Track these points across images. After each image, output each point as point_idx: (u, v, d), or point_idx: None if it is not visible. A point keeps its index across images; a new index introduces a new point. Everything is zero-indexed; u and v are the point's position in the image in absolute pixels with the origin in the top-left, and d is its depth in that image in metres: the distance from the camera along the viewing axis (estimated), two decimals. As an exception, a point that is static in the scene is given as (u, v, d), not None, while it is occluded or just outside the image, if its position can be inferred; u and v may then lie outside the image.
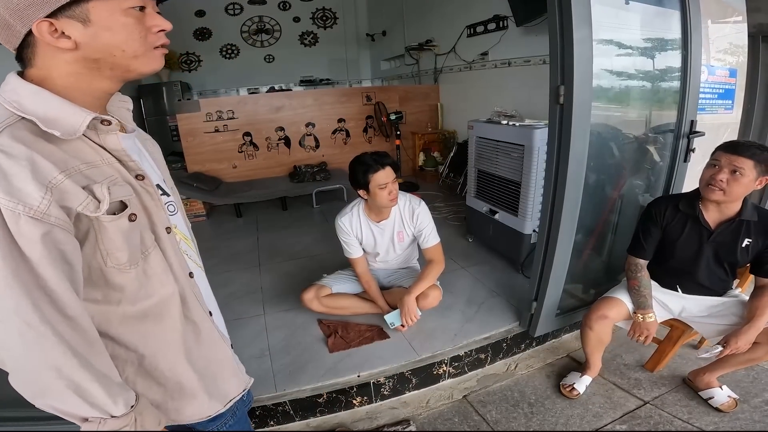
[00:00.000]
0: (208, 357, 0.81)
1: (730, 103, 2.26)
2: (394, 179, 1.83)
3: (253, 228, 3.62)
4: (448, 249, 2.88)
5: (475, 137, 2.75)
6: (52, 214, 0.53)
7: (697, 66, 1.84)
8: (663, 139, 1.98)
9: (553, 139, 1.60)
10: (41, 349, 0.55)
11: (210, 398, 0.81)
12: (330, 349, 1.91)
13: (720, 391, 1.69)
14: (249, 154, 4.31)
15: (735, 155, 1.42)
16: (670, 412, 1.69)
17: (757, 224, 1.52)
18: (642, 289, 1.65)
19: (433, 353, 1.88)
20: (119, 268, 0.63)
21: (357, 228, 2.02)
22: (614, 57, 1.81)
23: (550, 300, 1.86)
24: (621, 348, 2.07)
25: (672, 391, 1.80)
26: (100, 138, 0.62)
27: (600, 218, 2.06)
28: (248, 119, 4.23)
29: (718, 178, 1.44)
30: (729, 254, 1.57)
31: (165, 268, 0.70)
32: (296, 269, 2.71)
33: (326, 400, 1.72)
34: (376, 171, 1.79)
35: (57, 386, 0.56)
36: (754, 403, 1.70)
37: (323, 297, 2.07)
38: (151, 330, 0.70)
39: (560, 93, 1.51)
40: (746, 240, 1.53)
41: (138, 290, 0.67)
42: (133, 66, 0.61)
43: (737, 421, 1.62)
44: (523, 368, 2.00)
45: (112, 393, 0.61)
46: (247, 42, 6.53)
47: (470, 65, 4.18)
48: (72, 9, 0.55)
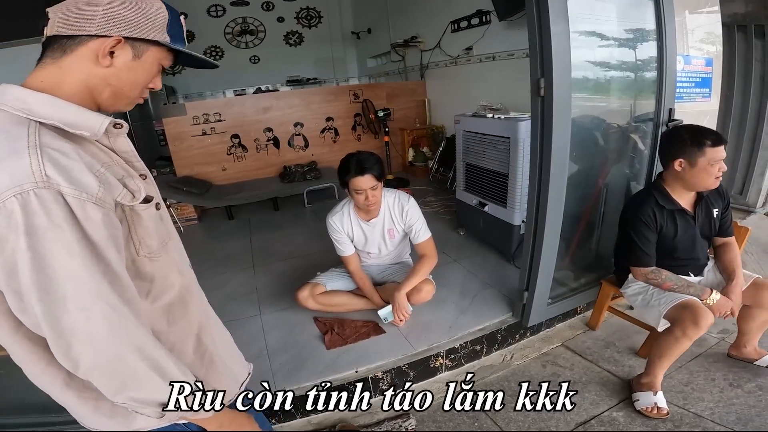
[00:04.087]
0: (224, 338, 0.88)
1: (708, 91, 2.32)
2: (373, 186, 1.83)
3: (246, 230, 3.63)
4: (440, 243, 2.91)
5: (462, 131, 2.79)
6: (107, 201, 0.57)
7: (672, 56, 1.88)
8: (645, 127, 2.03)
9: (535, 131, 1.63)
10: (126, 331, 0.58)
11: (231, 381, 0.86)
12: (327, 346, 1.93)
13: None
14: (238, 156, 4.30)
15: (722, 147, 1.53)
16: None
17: (712, 194, 1.68)
18: (678, 282, 1.65)
19: (429, 346, 1.91)
20: (150, 257, 0.67)
21: (348, 226, 2.04)
22: (592, 49, 1.85)
23: (541, 289, 1.90)
24: (613, 336, 2.11)
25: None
26: (110, 141, 0.65)
27: (586, 207, 2.11)
28: (236, 121, 4.22)
29: (721, 171, 1.54)
30: (710, 228, 1.71)
31: (182, 256, 0.77)
32: (290, 269, 2.73)
33: (326, 396, 1.73)
34: (354, 176, 1.81)
35: (141, 368, 0.59)
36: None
37: (318, 295, 2.09)
38: (179, 317, 0.74)
39: (540, 85, 1.55)
40: (714, 210, 1.69)
41: (165, 280, 0.70)
42: (118, 103, 0.67)
43: None
44: (519, 358, 2.02)
45: (183, 370, 0.65)
46: (231, 43, 6.48)
47: (455, 60, 4.21)
48: (142, 43, 0.63)
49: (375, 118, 4.43)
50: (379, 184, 1.88)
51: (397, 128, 4.86)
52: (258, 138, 4.36)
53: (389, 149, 4.48)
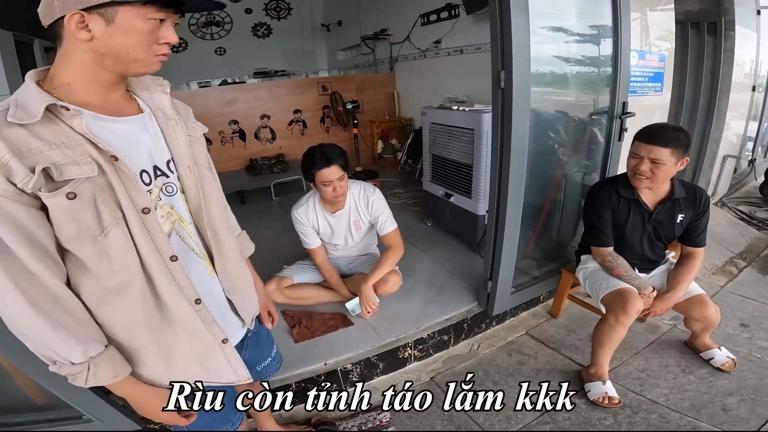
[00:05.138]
0: (178, 343, 0.83)
1: (660, 86, 2.41)
2: (340, 177, 1.82)
3: (212, 225, 3.51)
4: (408, 234, 2.93)
5: (428, 123, 2.81)
6: (0, 187, 0.61)
7: (627, 51, 1.94)
8: (601, 120, 2.10)
9: (496, 123, 1.66)
10: (8, 300, 0.66)
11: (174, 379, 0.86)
12: (295, 340, 1.91)
13: (719, 352, 1.79)
14: (202, 150, 4.16)
15: (651, 145, 1.51)
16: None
17: (685, 199, 1.67)
18: (629, 272, 1.70)
19: (397, 337, 1.92)
20: (72, 241, 0.69)
21: (313, 219, 2.02)
22: (552, 43, 1.89)
23: (504, 278, 1.94)
24: (574, 324, 2.18)
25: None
26: (69, 121, 0.67)
27: (547, 197, 2.16)
28: (199, 114, 3.91)
29: (641, 169, 1.55)
30: (668, 231, 1.72)
31: (129, 246, 0.73)
32: (257, 263, 2.61)
33: (296, 389, 1.73)
34: (320, 168, 1.79)
35: (28, 331, 0.69)
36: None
37: (285, 288, 2.07)
38: (110, 303, 0.75)
39: (501, 78, 1.57)
40: (680, 216, 1.69)
41: (99, 264, 0.71)
42: (132, 67, 0.70)
43: (745, 381, 1.72)
44: (486, 347, 2.06)
45: (68, 343, 0.70)
46: (196, 35, 6.24)
47: (424, 53, 4.23)
48: (104, 8, 0.63)
49: (343, 111, 4.41)
50: (345, 174, 1.86)
51: (366, 120, 4.85)
52: (223, 130, 4.25)
53: (358, 141, 4.47)
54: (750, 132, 3.84)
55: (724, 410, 1.59)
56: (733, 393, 1.67)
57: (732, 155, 3.38)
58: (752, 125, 3.86)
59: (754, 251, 2.97)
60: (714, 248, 2.88)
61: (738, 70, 3.22)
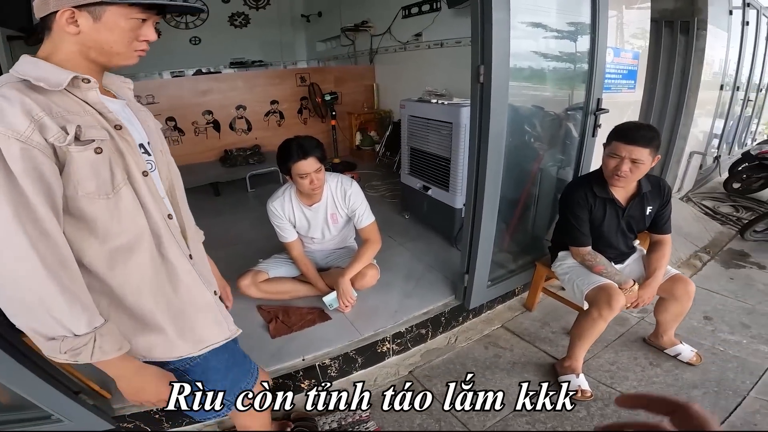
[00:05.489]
0: (185, 299, 0.91)
1: (633, 83, 2.47)
2: (317, 169, 1.79)
3: (184, 217, 3.41)
4: (386, 226, 2.92)
5: (407, 116, 2.80)
6: (34, 140, 0.67)
7: (603, 48, 1.97)
8: (576, 116, 2.13)
9: (474, 116, 1.66)
10: (16, 257, 0.66)
11: (180, 339, 0.92)
12: (272, 335, 1.88)
13: (683, 347, 1.86)
14: (173, 140, 4.05)
15: (632, 146, 1.54)
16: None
17: (652, 192, 1.75)
18: (609, 268, 1.73)
19: (376, 331, 1.91)
20: (89, 197, 0.74)
21: (289, 212, 1.98)
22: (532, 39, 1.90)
23: (481, 272, 1.96)
24: (548, 316, 2.23)
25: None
26: (83, 94, 0.76)
27: (523, 190, 2.19)
28: (171, 104, 3.97)
29: (622, 169, 1.57)
30: (638, 223, 1.80)
31: (137, 205, 0.80)
32: (232, 257, 2.59)
33: (273, 386, 1.69)
34: (297, 161, 1.75)
35: (30, 298, 0.68)
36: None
37: (260, 282, 2.03)
38: (120, 263, 0.80)
39: (480, 72, 1.58)
40: (648, 208, 1.76)
41: (110, 223, 0.77)
42: (114, 60, 0.78)
43: (709, 373, 1.80)
44: (463, 341, 2.08)
45: (75, 310, 0.72)
46: (170, 24, 5.98)
47: (405, 46, 4.21)
48: (93, 6, 0.71)
49: (322, 102, 4.34)
50: (322, 167, 1.83)
51: (344, 112, 4.81)
52: (196, 121, 4.12)
53: (336, 133, 4.42)
54: (716, 129, 3.99)
55: None
56: (698, 386, 1.73)
57: (698, 152, 3.51)
58: (719, 123, 4.01)
59: (717, 245, 3.10)
60: (679, 242, 3.00)
61: (707, 68, 3.33)
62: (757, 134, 5.51)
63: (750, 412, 1.59)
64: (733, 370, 1.81)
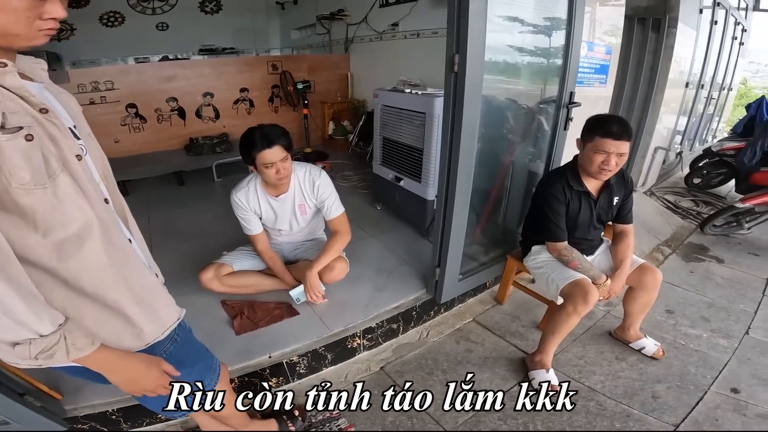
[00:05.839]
0: (140, 282, 0.87)
1: (605, 78, 2.50)
2: (284, 158, 1.71)
3: (144, 207, 3.25)
4: (358, 217, 2.86)
5: (380, 105, 2.75)
6: None
7: (578, 42, 1.97)
8: (549, 109, 2.13)
9: (448, 107, 1.62)
10: None
11: (147, 323, 0.87)
12: (237, 332, 1.81)
13: (647, 341, 1.89)
14: (135, 127, 3.87)
15: (620, 141, 1.55)
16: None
17: (617, 183, 1.77)
18: (584, 263, 1.73)
19: (345, 326, 1.86)
20: (24, 189, 0.67)
21: (255, 203, 1.89)
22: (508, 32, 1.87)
23: (452, 265, 1.94)
24: (518, 310, 2.23)
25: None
26: (1, 79, 0.68)
27: (495, 183, 2.18)
28: (132, 90, 3.80)
29: (611, 163, 1.58)
30: (607, 214, 1.82)
31: (77, 191, 0.74)
32: (196, 249, 2.49)
33: (239, 384, 1.64)
34: (261, 150, 1.67)
35: None
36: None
37: (224, 276, 1.94)
38: (72, 254, 0.75)
39: (455, 62, 1.54)
40: (615, 198, 1.78)
41: (52, 214, 0.71)
42: (15, 42, 0.69)
43: (672, 368, 1.83)
44: (435, 335, 2.06)
45: (37, 310, 0.67)
46: (135, 9, 5.69)
47: (381, 36, 4.16)
48: None
49: (293, 90, 4.24)
50: (289, 155, 1.75)
51: (317, 101, 4.74)
52: (160, 108, 3.96)
53: (308, 122, 4.33)
54: (680, 126, 4.13)
55: (654, 397, 1.68)
56: (662, 380, 1.77)
57: (662, 147, 3.61)
58: (682, 120, 4.14)
59: (678, 239, 3.21)
60: (643, 235, 3.08)
61: (675, 66, 3.41)
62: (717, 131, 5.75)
63: (712, 407, 1.63)
64: (694, 364, 1.86)
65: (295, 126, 4.56)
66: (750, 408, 1.62)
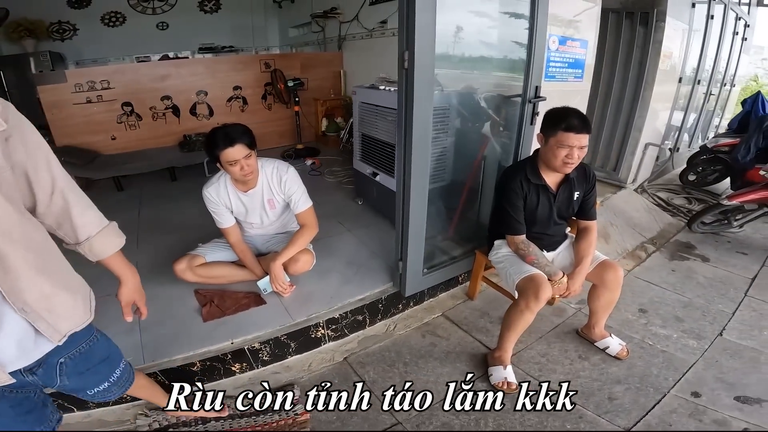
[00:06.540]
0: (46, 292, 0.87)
1: (580, 73, 2.47)
2: (247, 155, 1.77)
3: (136, 202, 3.37)
4: (338, 212, 2.93)
5: (358, 102, 2.80)
6: None
7: (542, 36, 1.96)
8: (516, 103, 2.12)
9: (401, 102, 1.65)
10: None
11: (81, 300, 0.98)
12: (204, 318, 1.87)
13: (612, 340, 1.88)
14: (130, 125, 4.01)
15: (581, 134, 1.56)
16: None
17: (578, 177, 1.76)
18: (540, 259, 1.73)
19: (308, 316, 1.91)
20: None
21: (225, 198, 1.95)
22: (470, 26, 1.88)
23: (414, 258, 1.96)
24: (488, 306, 2.23)
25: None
26: None
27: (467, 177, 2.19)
28: (127, 89, 3.93)
29: (574, 157, 1.59)
30: (568, 209, 1.81)
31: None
32: (180, 242, 2.56)
33: (201, 368, 1.69)
34: (224, 148, 1.72)
35: None
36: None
37: (197, 267, 2.01)
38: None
39: (405, 58, 1.57)
40: (576, 193, 1.78)
41: None
42: None
43: (634, 368, 1.79)
44: (402, 328, 2.08)
45: None
46: (136, 9, 5.87)
47: (371, 33, 4.21)
48: None
49: (284, 88, 4.31)
50: (252, 152, 1.80)
51: (310, 98, 4.81)
52: (155, 106, 4.08)
53: (299, 119, 4.39)
54: (675, 122, 4.04)
55: (611, 399, 1.64)
56: (621, 381, 1.73)
57: (654, 143, 3.55)
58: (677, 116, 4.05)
59: (664, 236, 3.16)
60: (627, 233, 3.05)
61: (665, 61, 3.34)
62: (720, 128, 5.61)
63: (668, 411, 1.59)
64: (658, 365, 1.82)
65: (287, 123, 4.65)
66: (708, 413, 1.57)
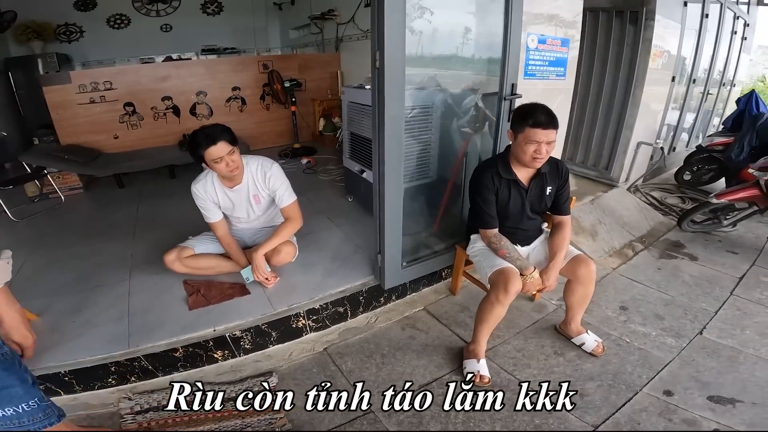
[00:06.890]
0: None
1: (563, 71, 2.49)
2: (230, 151, 1.84)
3: (135, 198, 3.50)
4: (328, 208, 3.01)
5: (347, 102, 2.87)
6: None
7: (516, 35, 2.01)
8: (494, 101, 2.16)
9: (374, 101, 1.72)
10: None
11: None
12: (190, 307, 1.95)
13: (588, 336, 1.89)
14: (132, 124, 4.15)
15: (548, 130, 1.60)
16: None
17: (550, 172, 1.80)
18: (512, 253, 1.75)
19: (289, 306, 1.97)
20: None
21: (212, 193, 2.04)
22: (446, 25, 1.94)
23: (392, 252, 2.01)
24: (470, 301, 2.25)
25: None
26: None
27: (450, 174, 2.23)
28: (129, 89, 4.07)
29: (543, 152, 1.63)
30: (540, 204, 1.84)
31: None
32: (174, 236, 2.62)
33: (184, 354, 1.76)
34: (206, 147, 1.81)
35: None
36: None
37: (185, 258, 2.09)
38: None
39: (376, 58, 1.63)
40: (548, 188, 1.81)
41: None
42: None
43: (608, 365, 1.80)
44: (382, 321, 2.12)
45: None
46: (140, 12, 6.05)
47: (366, 34, 4.26)
48: None
49: (281, 89, 4.40)
50: (235, 148, 1.89)
51: (308, 99, 4.91)
52: (155, 106, 4.22)
53: (296, 119, 4.49)
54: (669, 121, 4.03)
55: (581, 395, 1.65)
56: (594, 378, 1.74)
57: (646, 142, 3.55)
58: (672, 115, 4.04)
59: (654, 235, 3.15)
60: (616, 231, 3.05)
61: (656, 59, 3.34)
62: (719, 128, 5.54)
63: (638, 410, 1.58)
64: (632, 363, 1.82)
65: (285, 123, 4.74)
66: (679, 413, 1.56)
